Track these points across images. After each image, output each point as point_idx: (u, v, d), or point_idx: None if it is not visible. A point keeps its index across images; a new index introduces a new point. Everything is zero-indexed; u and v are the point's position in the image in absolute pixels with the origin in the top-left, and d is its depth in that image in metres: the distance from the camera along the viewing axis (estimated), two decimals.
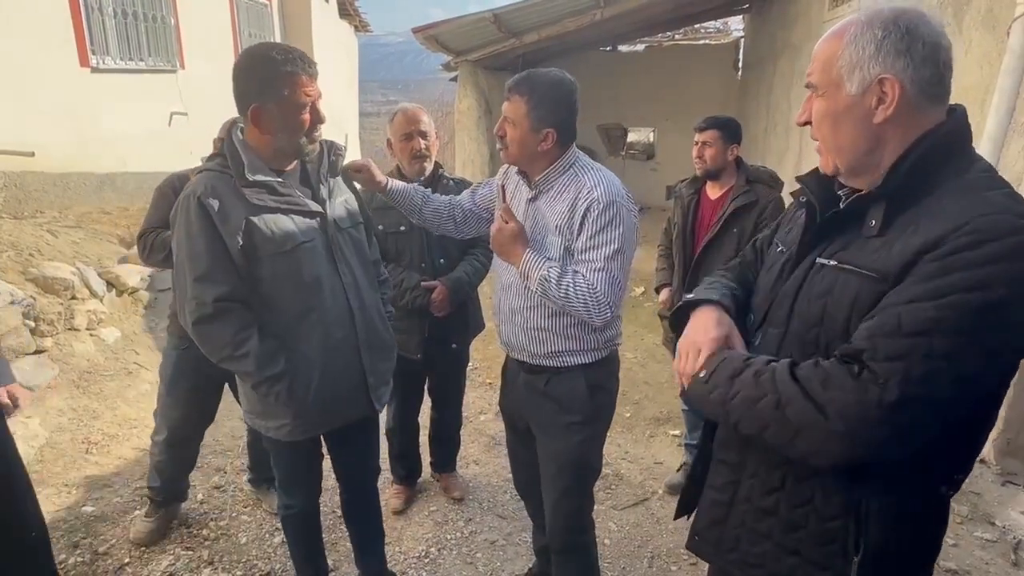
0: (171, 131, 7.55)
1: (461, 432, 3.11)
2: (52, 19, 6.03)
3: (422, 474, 3.06)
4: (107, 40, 6.73)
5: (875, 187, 1.04)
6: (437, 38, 7.09)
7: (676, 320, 1.34)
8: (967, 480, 1.09)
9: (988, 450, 3.18)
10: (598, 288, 1.72)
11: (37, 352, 3.52)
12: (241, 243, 1.62)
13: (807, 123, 1.12)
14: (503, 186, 1.98)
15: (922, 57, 0.99)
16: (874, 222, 1.03)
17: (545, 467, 2.01)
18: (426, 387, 2.93)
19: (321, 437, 2.02)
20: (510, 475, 3.15)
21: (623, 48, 12.10)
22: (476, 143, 7.90)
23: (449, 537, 2.71)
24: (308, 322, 1.77)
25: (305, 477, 2.05)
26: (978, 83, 3.49)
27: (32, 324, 3.52)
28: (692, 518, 1.37)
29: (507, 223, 1.81)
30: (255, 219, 1.64)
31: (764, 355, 1.12)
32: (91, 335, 3.96)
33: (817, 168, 1.17)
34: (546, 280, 1.73)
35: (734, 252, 2.50)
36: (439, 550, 2.63)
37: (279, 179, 1.70)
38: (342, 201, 1.91)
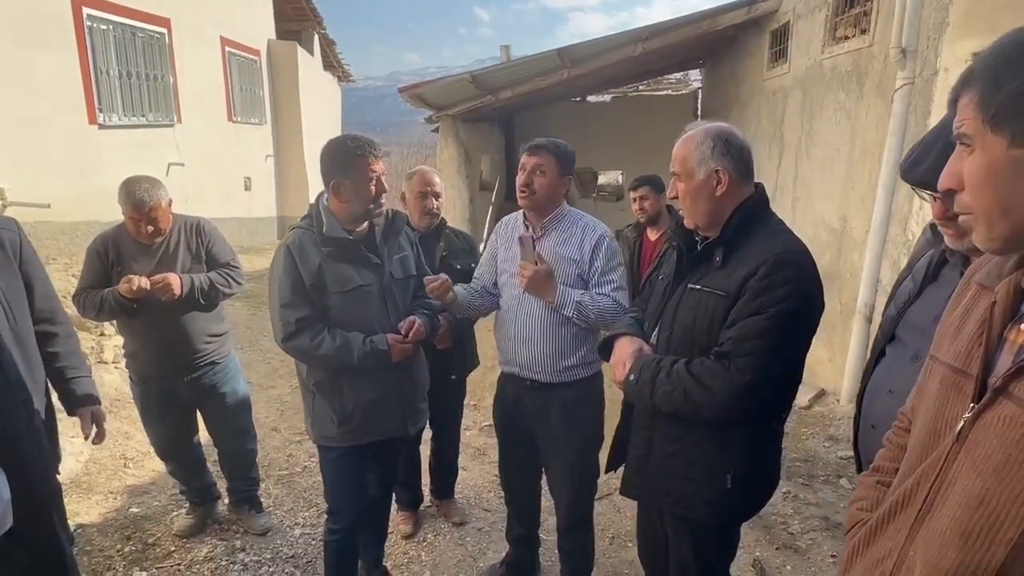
0: (168, 180, 7.86)
1: None
2: (65, 83, 6.61)
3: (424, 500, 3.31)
4: (113, 99, 7.30)
5: (717, 236, 1.66)
6: (421, 96, 7.75)
7: (602, 349, 1.95)
8: None
9: None
10: (622, 301, 2.23)
11: None
12: (313, 282, 2.13)
13: (675, 198, 1.73)
14: (521, 238, 2.32)
15: (736, 156, 1.63)
16: (718, 258, 1.64)
17: (555, 468, 2.42)
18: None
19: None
20: (492, 478, 3.70)
21: (592, 98, 12.94)
22: (457, 189, 8.51)
23: (443, 526, 3.21)
24: None
25: (350, 491, 2.36)
26: (875, 140, 4.18)
27: None
28: (622, 472, 1.92)
29: (538, 265, 2.18)
30: (325, 265, 2.13)
31: (663, 355, 1.72)
32: (116, 368, 4.43)
33: (682, 223, 1.78)
34: (581, 304, 2.18)
35: None
36: (435, 536, 3.14)
37: (349, 237, 2.16)
38: (400, 258, 2.33)
